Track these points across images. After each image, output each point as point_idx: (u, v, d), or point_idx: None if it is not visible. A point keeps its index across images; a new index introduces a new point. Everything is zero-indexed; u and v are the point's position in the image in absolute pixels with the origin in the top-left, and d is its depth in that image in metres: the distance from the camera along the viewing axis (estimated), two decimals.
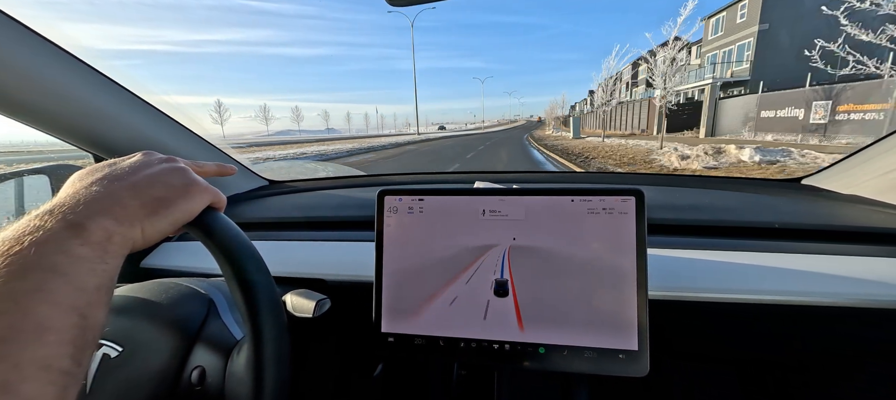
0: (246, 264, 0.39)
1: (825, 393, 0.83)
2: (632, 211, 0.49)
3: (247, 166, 1.15)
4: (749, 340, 0.67)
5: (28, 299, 0.23)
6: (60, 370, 0.23)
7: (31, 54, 0.60)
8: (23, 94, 0.61)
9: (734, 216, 0.75)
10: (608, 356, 0.48)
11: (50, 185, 0.85)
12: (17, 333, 0.22)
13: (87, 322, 0.25)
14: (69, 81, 0.66)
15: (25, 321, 0.22)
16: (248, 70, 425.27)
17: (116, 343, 0.44)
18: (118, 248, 0.29)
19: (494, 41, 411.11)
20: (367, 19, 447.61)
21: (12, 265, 0.23)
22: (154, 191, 0.33)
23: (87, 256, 0.26)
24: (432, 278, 0.53)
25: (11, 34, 0.57)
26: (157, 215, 0.32)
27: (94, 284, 0.26)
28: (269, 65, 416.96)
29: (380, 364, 0.76)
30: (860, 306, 0.56)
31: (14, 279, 0.23)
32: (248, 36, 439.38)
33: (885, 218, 0.69)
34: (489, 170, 5.89)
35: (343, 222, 0.90)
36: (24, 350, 0.22)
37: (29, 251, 0.24)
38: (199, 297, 0.53)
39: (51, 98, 0.65)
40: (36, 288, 0.23)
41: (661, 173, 4.70)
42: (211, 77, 30.02)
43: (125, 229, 0.30)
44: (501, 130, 54.45)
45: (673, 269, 0.63)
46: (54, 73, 0.63)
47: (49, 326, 0.23)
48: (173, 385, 0.45)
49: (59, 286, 0.24)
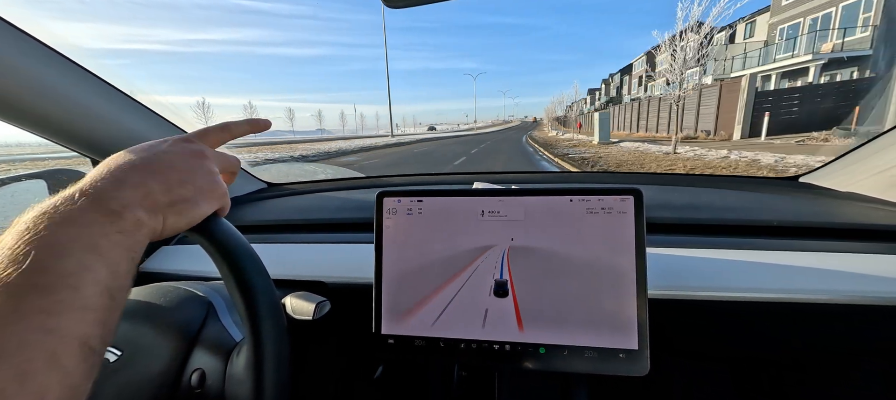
0: (245, 267, 0.39)
1: (823, 390, 0.83)
2: (631, 210, 0.49)
3: (245, 169, 1.15)
4: (748, 337, 0.67)
5: (76, 278, 0.24)
6: (93, 349, 0.24)
7: (27, 57, 0.60)
8: (18, 97, 0.61)
9: (732, 215, 0.76)
10: (608, 356, 0.48)
11: (47, 191, 0.85)
12: (66, 308, 0.23)
13: (115, 303, 0.27)
14: (65, 84, 0.66)
15: (75, 297, 0.23)
16: (242, 70, 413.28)
17: (115, 347, 0.44)
18: (144, 238, 0.30)
19: (490, 42, 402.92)
20: (364, 19, 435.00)
21: (54, 243, 0.24)
22: (183, 190, 0.34)
23: (122, 242, 0.28)
24: (432, 279, 0.53)
25: (5, 36, 0.57)
26: (180, 214, 0.34)
27: (125, 268, 0.28)
28: (264, 65, 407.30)
29: (380, 366, 0.76)
30: (857, 303, 0.56)
31: (58, 257, 0.24)
32: (243, 36, 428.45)
33: (882, 215, 0.69)
34: (488, 170, 5.90)
35: (342, 224, 0.90)
36: (72, 326, 0.23)
37: (71, 231, 0.25)
38: (197, 299, 0.53)
39: (47, 102, 0.65)
40: (83, 267, 0.24)
41: (658, 172, 4.71)
42: (204, 77, 29.33)
43: (153, 222, 0.31)
44: (496, 131, 52.07)
45: (672, 268, 0.63)
46: (49, 75, 0.63)
47: (90, 306, 0.24)
48: (173, 388, 0.45)
49: (100, 267, 0.25)
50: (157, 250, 0.87)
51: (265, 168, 6.05)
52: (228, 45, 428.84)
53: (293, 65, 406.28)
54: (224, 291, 0.56)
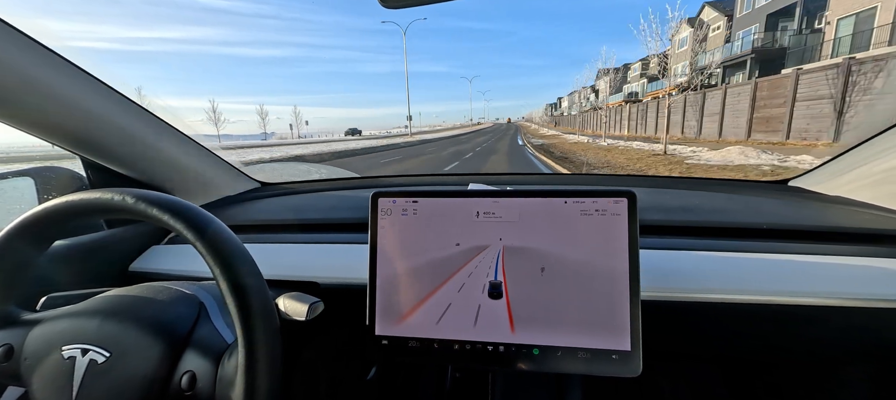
0: (238, 267, 0.38)
1: (811, 391, 0.85)
2: (624, 212, 0.49)
3: (238, 168, 1.14)
4: (739, 339, 0.68)
5: None
6: None
7: (18, 54, 0.59)
8: (8, 94, 0.60)
9: (724, 217, 0.77)
10: (601, 357, 0.48)
11: (35, 188, 0.83)
12: None
13: None
14: (54, 81, 0.65)
15: None
16: (199, 70, 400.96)
17: (104, 348, 0.43)
18: None
19: (461, 46, 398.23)
20: (329, 20, 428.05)
21: None
22: None
23: None
24: (426, 280, 0.53)
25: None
26: None
27: None
28: (223, 65, 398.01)
29: (373, 367, 0.75)
30: (843, 305, 0.57)
31: None
32: (200, 34, 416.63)
33: (867, 219, 0.71)
34: (483, 172, 5.89)
35: (336, 225, 0.89)
36: None
37: None
38: (188, 300, 0.52)
39: (36, 98, 0.63)
40: None
41: (652, 175, 4.76)
42: (158, 77, 27.62)
43: None
44: (449, 138, 30.19)
45: (664, 269, 0.63)
46: (40, 72, 0.62)
47: None
48: (162, 390, 0.44)
49: None
50: (148, 250, 0.86)
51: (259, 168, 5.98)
52: (184, 45, 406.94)
53: (252, 65, 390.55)
54: (216, 291, 0.56)
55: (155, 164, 0.87)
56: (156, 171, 0.88)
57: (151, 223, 0.42)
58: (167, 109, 0.86)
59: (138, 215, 0.42)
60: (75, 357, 0.43)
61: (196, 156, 0.97)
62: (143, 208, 0.42)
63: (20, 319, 0.48)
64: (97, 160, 0.80)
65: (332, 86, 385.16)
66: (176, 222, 0.41)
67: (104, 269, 0.78)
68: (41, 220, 0.45)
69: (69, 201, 0.44)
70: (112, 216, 0.46)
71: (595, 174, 6.79)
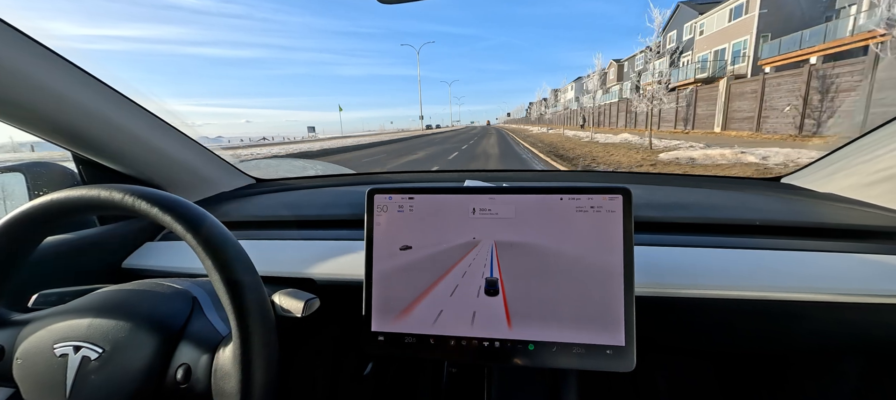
0: (233, 264, 0.38)
1: (802, 385, 0.86)
2: (619, 209, 0.50)
3: (233, 164, 1.13)
4: (731, 334, 0.69)
5: None
6: None
7: (5, 49, 0.57)
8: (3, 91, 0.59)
9: (717, 214, 0.77)
10: (596, 352, 0.49)
11: (25, 184, 0.82)
12: None
13: None
14: (45, 75, 0.63)
15: None
16: (160, 72, 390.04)
17: (97, 345, 0.43)
18: None
19: (436, 50, 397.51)
20: (300, 22, 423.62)
21: None
22: None
23: None
24: (422, 277, 0.53)
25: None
26: None
27: None
28: (185, 66, 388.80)
29: (370, 363, 0.75)
30: (834, 301, 0.58)
31: None
32: (161, 33, 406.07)
33: (858, 215, 0.72)
34: (479, 168, 5.89)
35: (332, 221, 0.89)
36: None
37: None
38: (181, 295, 0.52)
39: (26, 93, 0.62)
40: None
41: (647, 172, 4.78)
42: (115, 78, 26.95)
43: None
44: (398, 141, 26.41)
45: (658, 265, 0.64)
46: (30, 66, 0.61)
47: None
48: (157, 384, 0.44)
49: None
50: (141, 246, 0.85)
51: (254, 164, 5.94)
52: (144, 44, 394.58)
53: (220, 66, 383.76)
54: (208, 286, 0.55)
55: (148, 159, 0.86)
56: (149, 167, 0.87)
57: (145, 219, 0.42)
58: None
59: (131, 212, 0.42)
60: (68, 355, 0.42)
61: (190, 151, 0.96)
62: (136, 204, 0.41)
63: (10, 319, 0.48)
64: (89, 156, 0.79)
65: (303, 89, 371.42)
66: (170, 219, 0.40)
67: (97, 266, 0.77)
68: (32, 216, 0.45)
69: (60, 198, 0.44)
70: (104, 213, 0.45)
71: (591, 171, 6.79)
